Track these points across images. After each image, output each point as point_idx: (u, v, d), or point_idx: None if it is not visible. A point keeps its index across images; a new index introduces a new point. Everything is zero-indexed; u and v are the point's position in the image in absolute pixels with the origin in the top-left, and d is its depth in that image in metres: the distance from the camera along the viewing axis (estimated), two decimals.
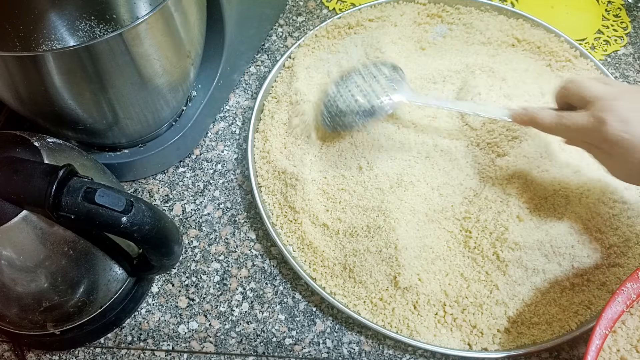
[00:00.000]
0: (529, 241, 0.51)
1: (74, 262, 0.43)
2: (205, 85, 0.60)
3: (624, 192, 0.55)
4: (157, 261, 0.46)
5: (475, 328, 0.50)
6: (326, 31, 0.66)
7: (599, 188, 0.54)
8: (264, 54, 0.68)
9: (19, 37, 0.54)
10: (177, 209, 0.58)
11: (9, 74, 0.42)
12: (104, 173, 0.49)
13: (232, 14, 0.54)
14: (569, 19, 0.70)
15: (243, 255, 0.56)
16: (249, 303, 0.54)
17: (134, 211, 0.38)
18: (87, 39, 0.59)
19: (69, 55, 0.40)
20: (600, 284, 0.52)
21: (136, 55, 0.43)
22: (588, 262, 0.52)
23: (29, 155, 0.41)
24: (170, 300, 0.54)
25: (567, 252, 0.51)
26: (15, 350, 0.51)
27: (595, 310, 0.51)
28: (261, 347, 0.52)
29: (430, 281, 0.51)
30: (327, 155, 0.57)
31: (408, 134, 0.58)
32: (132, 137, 0.56)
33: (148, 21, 0.41)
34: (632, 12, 0.73)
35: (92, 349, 0.52)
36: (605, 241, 0.53)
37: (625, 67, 0.68)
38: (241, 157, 0.61)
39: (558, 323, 0.51)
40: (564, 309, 0.51)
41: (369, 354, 0.52)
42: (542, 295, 0.51)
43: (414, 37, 0.65)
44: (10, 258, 0.40)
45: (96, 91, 0.45)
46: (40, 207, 0.38)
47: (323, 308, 0.54)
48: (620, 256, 0.53)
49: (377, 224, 0.52)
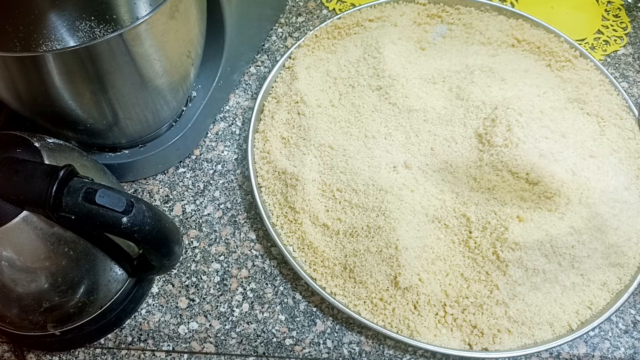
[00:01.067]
0: (529, 241, 0.51)
1: (74, 262, 0.43)
2: (205, 86, 0.60)
3: (624, 192, 0.55)
4: (157, 262, 0.46)
5: (476, 328, 0.50)
6: (326, 31, 0.66)
7: (599, 188, 0.54)
8: (264, 54, 0.68)
9: (19, 37, 0.54)
10: (177, 210, 0.58)
11: (9, 74, 0.42)
12: (104, 173, 0.49)
13: (232, 14, 0.54)
14: (568, 19, 0.70)
15: (243, 255, 0.56)
16: (249, 303, 0.54)
17: (134, 212, 0.38)
18: (87, 39, 0.59)
19: (69, 56, 0.40)
20: (601, 284, 0.52)
21: (136, 55, 0.43)
22: (588, 262, 0.52)
23: (29, 156, 0.41)
24: (171, 300, 0.54)
25: (567, 252, 0.51)
26: (15, 350, 0.51)
27: (596, 310, 0.51)
28: (261, 347, 0.52)
29: (430, 281, 0.51)
30: (327, 155, 0.57)
31: (408, 134, 0.58)
32: (132, 138, 0.56)
33: (148, 21, 0.41)
34: (631, 12, 0.73)
35: (92, 350, 0.52)
36: (606, 241, 0.53)
37: (625, 67, 0.68)
38: (241, 157, 0.61)
39: (559, 323, 0.51)
40: (565, 309, 0.51)
41: (369, 354, 0.52)
42: (543, 295, 0.51)
43: (413, 37, 0.65)
44: (11, 258, 0.40)
45: (96, 91, 0.45)
46: (40, 208, 0.38)
47: (323, 308, 0.54)
48: (621, 256, 0.53)
49: (378, 224, 0.52)
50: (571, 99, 0.61)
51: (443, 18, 0.67)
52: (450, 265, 0.52)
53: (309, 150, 0.58)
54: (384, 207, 0.53)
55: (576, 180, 0.54)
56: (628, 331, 0.53)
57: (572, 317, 0.51)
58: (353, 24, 0.66)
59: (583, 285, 0.52)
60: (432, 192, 0.55)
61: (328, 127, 0.59)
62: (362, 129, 0.58)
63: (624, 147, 0.59)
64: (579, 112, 0.60)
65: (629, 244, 0.53)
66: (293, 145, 0.59)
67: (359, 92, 0.61)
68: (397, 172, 0.56)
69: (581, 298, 0.52)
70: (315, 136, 0.58)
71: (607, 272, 0.53)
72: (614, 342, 0.53)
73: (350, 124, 0.59)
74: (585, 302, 0.52)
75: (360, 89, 0.61)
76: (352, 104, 0.60)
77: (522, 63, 0.63)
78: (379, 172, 0.55)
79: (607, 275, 0.52)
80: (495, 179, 0.54)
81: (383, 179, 0.55)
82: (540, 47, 0.65)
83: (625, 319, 0.54)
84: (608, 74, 0.63)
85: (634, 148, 0.59)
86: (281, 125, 0.60)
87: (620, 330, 0.53)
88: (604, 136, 0.59)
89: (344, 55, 0.64)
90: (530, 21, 0.66)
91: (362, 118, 0.59)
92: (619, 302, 0.51)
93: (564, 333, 0.51)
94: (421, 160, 0.56)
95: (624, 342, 0.53)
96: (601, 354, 0.52)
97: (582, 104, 0.61)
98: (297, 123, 0.60)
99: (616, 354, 0.52)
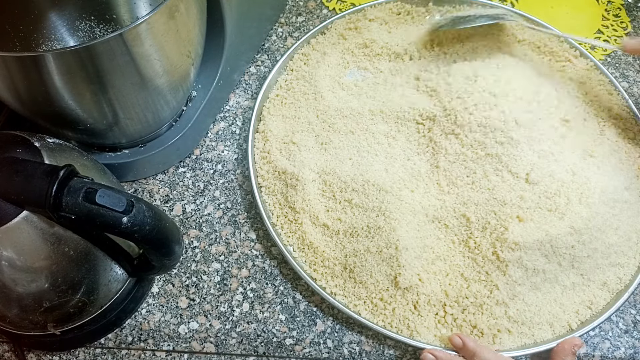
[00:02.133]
0: (529, 241, 0.51)
1: (75, 262, 0.43)
2: (206, 86, 0.60)
3: (625, 192, 0.55)
4: (157, 261, 0.46)
5: (476, 328, 0.50)
6: (327, 29, 0.66)
7: (599, 188, 0.54)
8: (264, 54, 0.68)
9: (19, 37, 0.54)
10: (177, 209, 0.58)
11: (9, 74, 0.42)
12: (105, 173, 0.49)
13: (232, 14, 0.54)
14: (568, 19, 0.70)
15: (243, 255, 0.56)
16: (249, 303, 0.54)
17: (134, 211, 0.38)
18: (87, 39, 0.58)
19: (69, 56, 0.40)
20: (601, 283, 0.52)
21: (136, 55, 0.43)
22: (588, 262, 0.52)
23: (29, 156, 0.41)
24: (171, 300, 0.54)
25: (567, 252, 0.51)
26: (15, 350, 0.51)
27: (596, 309, 0.52)
28: (262, 347, 0.52)
29: (430, 281, 0.51)
30: (328, 155, 0.57)
31: (408, 134, 0.58)
32: (132, 137, 0.56)
33: (148, 21, 0.41)
34: (631, 12, 0.73)
35: (92, 350, 0.52)
36: (606, 241, 0.53)
37: (625, 67, 0.68)
38: (241, 157, 0.61)
39: (559, 323, 0.51)
40: (565, 309, 0.51)
41: (370, 354, 0.52)
42: (543, 295, 0.51)
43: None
44: (11, 258, 0.40)
45: (96, 91, 0.45)
46: (40, 208, 0.38)
47: (323, 308, 0.54)
48: (621, 256, 0.53)
49: (378, 224, 0.52)
50: (571, 98, 0.61)
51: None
52: (450, 265, 0.52)
53: (310, 150, 0.58)
54: (384, 207, 0.53)
55: (576, 180, 0.54)
56: (628, 331, 0.53)
57: (572, 316, 0.51)
58: (353, 25, 0.66)
59: (583, 285, 0.52)
60: (432, 192, 0.55)
61: (329, 127, 0.59)
62: (364, 129, 0.58)
63: (623, 147, 0.59)
64: (579, 112, 0.60)
65: (629, 243, 0.53)
66: (293, 145, 0.59)
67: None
68: (397, 172, 0.56)
69: (581, 298, 0.52)
70: (316, 136, 0.58)
71: (607, 272, 0.53)
72: (614, 342, 0.53)
73: (352, 124, 0.59)
74: (585, 302, 0.52)
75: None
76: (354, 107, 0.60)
77: (522, 62, 0.63)
78: (379, 172, 0.55)
79: (607, 275, 0.52)
80: (495, 179, 0.54)
81: (383, 179, 0.55)
82: (540, 46, 0.65)
83: (625, 319, 0.54)
84: (608, 73, 0.63)
85: (634, 148, 0.59)
86: (281, 125, 0.60)
87: (621, 330, 0.53)
88: (604, 136, 0.59)
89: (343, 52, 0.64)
90: (531, 21, 0.66)
91: (364, 119, 0.59)
92: (619, 302, 0.52)
93: (564, 333, 0.51)
94: (422, 161, 0.56)
95: (624, 342, 0.53)
96: (601, 354, 0.52)
97: (582, 103, 0.61)
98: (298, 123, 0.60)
99: (616, 354, 0.52)
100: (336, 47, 0.65)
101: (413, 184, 0.55)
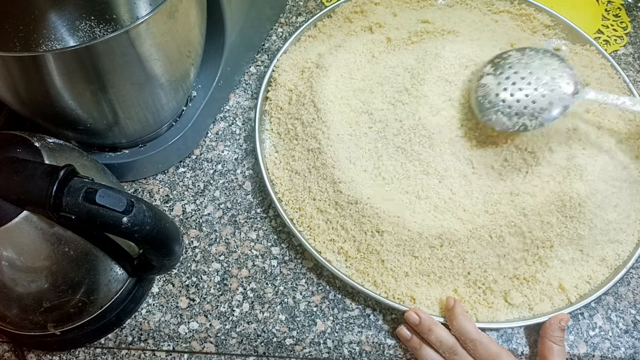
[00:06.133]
0: (529, 217, 0.52)
1: (75, 262, 0.43)
2: (206, 86, 0.60)
3: (624, 171, 0.56)
4: (157, 261, 0.46)
5: (485, 301, 0.52)
6: (333, 12, 0.67)
7: (599, 166, 0.54)
8: (264, 54, 0.68)
9: (19, 37, 0.54)
10: (177, 209, 0.58)
11: (9, 74, 0.42)
12: (105, 173, 0.49)
13: (232, 14, 0.54)
14: (568, 19, 0.70)
15: (243, 255, 0.56)
16: (249, 303, 0.54)
17: (134, 211, 0.38)
18: (87, 39, 0.58)
19: (69, 56, 0.40)
20: (599, 259, 0.54)
21: (136, 55, 0.43)
22: (588, 238, 0.53)
23: (29, 156, 0.41)
24: (171, 300, 0.54)
25: (566, 228, 0.52)
26: (15, 350, 0.51)
27: (594, 284, 0.53)
28: (262, 347, 0.52)
29: (438, 257, 0.52)
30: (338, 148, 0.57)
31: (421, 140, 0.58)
32: (132, 137, 0.56)
33: (148, 21, 0.41)
34: (632, 12, 0.73)
35: (92, 350, 0.52)
36: (605, 218, 0.53)
37: (625, 67, 0.68)
38: (241, 157, 0.61)
39: (558, 297, 0.52)
40: (564, 283, 0.52)
41: (370, 354, 0.52)
42: (543, 270, 0.52)
43: None
44: (11, 258, 0.40)
45: (96, 91, 0.45)
46: (40, 208, 0.38)
47: (324, 308, 0.54)
48: (620, 233, 0.54)
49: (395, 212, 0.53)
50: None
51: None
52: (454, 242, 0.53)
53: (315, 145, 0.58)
54: (397, 198, 0.54)
55: (576, 159, 0.54)
56: (628, 331, 0.53)
57: (572, 290, 0.52)
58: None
59: (582, 261, 0.53)
60: (432, 183, 0.55)
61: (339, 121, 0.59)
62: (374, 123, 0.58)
63: (624, 127, 0.59)
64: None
65: (628, 221, 0.54)
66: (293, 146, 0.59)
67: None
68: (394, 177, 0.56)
69: (580, 273, 0.53)
70: (326, 129, 0.58)
71: (605, 248, 0.54)
72: (614, 342, 0.53)
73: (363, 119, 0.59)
74: (584, 277, 0.53)
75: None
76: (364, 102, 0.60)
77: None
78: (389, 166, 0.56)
79: (605, 251, 0.54)
80: (495, 157, 0.55)
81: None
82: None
83: (625, 319, 0.54)
84: (614, 63, 0.63)
85: (635, 129, 0.59)
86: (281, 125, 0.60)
87: (621, 330, 0.53)
88: (605, 117, 0.59)
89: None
90: (534, 6, 0.67)
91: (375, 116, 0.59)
92: (617, 277, 0.53)
93: (562, 306, 0.52)
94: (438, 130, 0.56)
95: (624, 342, 0.53)
96: (601, 354, 0.52)
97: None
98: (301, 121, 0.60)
99: (616, 354, 0.52)
100: (342, 30, 0.65)
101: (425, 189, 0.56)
